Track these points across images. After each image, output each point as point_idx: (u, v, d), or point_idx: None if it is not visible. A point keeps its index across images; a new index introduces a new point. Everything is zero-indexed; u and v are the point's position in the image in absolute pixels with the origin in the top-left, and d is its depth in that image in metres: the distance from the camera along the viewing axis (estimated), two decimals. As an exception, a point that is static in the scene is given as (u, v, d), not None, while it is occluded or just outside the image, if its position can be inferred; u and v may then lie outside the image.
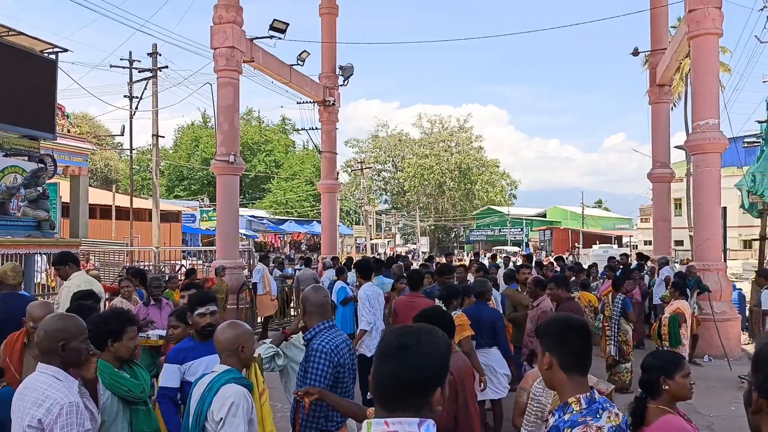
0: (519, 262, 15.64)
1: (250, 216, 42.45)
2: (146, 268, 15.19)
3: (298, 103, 20.55)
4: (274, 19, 15.48)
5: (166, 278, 11.70)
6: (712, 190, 12.36)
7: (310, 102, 20.20)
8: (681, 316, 8.74)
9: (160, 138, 26.75)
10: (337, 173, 21.05)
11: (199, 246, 33.07)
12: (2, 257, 9.18)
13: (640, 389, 3.20)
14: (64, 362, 2.93)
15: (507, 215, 65.96)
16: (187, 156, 54.92)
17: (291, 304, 16.06)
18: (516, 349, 7.48)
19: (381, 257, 20.40)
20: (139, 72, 26.59)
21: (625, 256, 17.05)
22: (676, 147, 24.22)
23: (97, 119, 51.30)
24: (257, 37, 15.42)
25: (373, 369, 1.71)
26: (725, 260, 14.10)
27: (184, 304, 5.93)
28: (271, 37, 15.65)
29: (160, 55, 25.80)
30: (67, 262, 6.56)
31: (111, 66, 26.66)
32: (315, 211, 45.70)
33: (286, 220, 46.55)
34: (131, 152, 31.60)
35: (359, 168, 56.15)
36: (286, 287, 15.99)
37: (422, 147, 70.17)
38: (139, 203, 32.70)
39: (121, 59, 26.90)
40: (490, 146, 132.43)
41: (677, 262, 18.37)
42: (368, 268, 7.97)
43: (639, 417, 3.05)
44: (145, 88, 26.24)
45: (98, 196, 31.05)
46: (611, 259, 14.77)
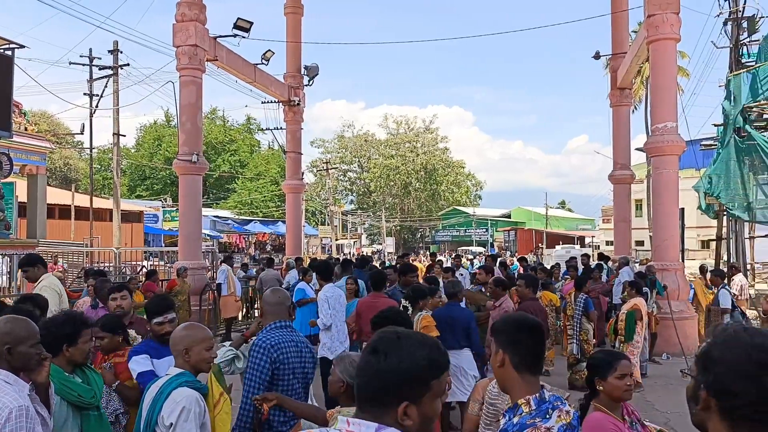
0: (478, 264, 15.77)
1: (215, 216, 42.01)
2: (106, 269, 14.95)
3: (262, 102, 20.43)
4: (238, 18, 15.35)
5: (127, 279, 11.55)
6: (670, 192, 12.60)
7: (275, 102, 20.06)
8: (638, 313, 8.91)
9: (121, 137, 26.33)
10: (303, 173, 20.99)
11: (161, 247, 32.57)
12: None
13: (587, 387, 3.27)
14: (12, 366, 2.85)
15: (472, 216, 66.43)
16: (149, 155, 54.03)
17: (255, 305, 15.94)
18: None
19: (348, 258, 20.34)
20: (100, 69, 26.12)
21: (587, 256, 17.31)
22: (637, 149, 24.67)
23: (56, 117, 50.23)
24: (221, 36, 15.29)
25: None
26: (683, 260, 14.38)
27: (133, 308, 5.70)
28: (235, 35, 15.52)
29: (121, 52, 25.38)
30: (36, 264, 6.40)
31: (70, 63, 26.18)
32: (280, 212, 45.41)
33: (251, 221, 46.17)
34: (91, 151, 31.00)
35: (325, 168, 55.98)
36: (250, 288, 15.86)
37: (388, 147, 70.26)
38: (100, 203, 32.07)
39: (80, 56, 26.53)
40: (455, 147, 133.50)
41: (637, 262, 18.70)
42: (328, 269, 7.86)
43: (583, 415, 3.10)
44: (105, 86, 25.77)
45: (57, 196, 30.37)
46: (571, 259, 14.99)
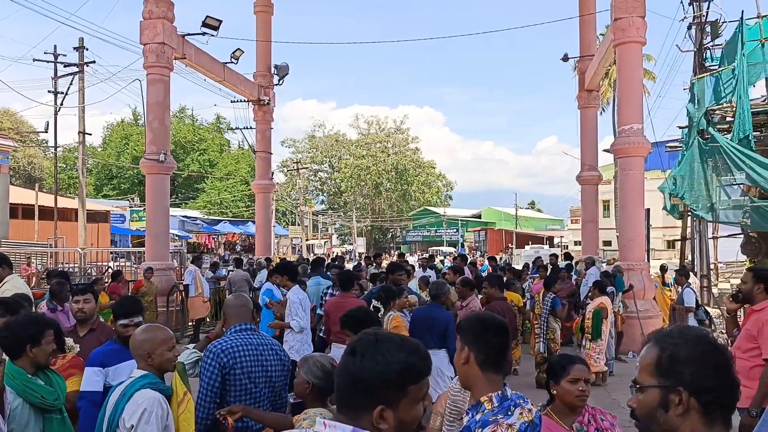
0: (448, 264, 15.87)
1: (183, 216, 41.58)
2: (71, 270, 14.68)
3: (232, 101, 20.23)
4: (207, 16, 15.21)
5: (92, 280, 11.34)
6: (636, 193, 12.80)
7: (245, 101, 19.90)
8: (604, 311, 9.09)
9: (87, 135, 25.91)
10: (273, 173, 20.85)
11: (128, 247, 32.09)
12: None
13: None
14: None
15: (443, 216, 66.75)
16: (116, 154, 53.19)
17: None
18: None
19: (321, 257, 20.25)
20: (65, 66, 25.65)
21: (554, 256, 17.49)
22: (604, 150, 25.02)
23: (20, 115, 49.33)
24: (189, 34, 15.11)
25: None
26: (649, 260, 14.63)
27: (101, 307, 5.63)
28: (203, 33, 15.37)
29: (87, 49, 24.93)
30: (1, 264, 6.23)
31: (34, 60, 25.66)
32: (250, 212, 45.09)
33: (221, 221, 45.78)
34: (56, 149, 30.45)
35: (295, 168, 55.77)
36: (219, 289, 15.69)
37: (359, 148, 70.23)
38: (65, 203, 31.53)
39: (45, 53, 25.96)
40: (426, 148, 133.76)
41: (604, 262, 18.97)
42: (294, 270, 7.80)
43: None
44: (71, 84, 25.28)
45: (20, 195, 29.83)
46: (537, 259, 15.15)
